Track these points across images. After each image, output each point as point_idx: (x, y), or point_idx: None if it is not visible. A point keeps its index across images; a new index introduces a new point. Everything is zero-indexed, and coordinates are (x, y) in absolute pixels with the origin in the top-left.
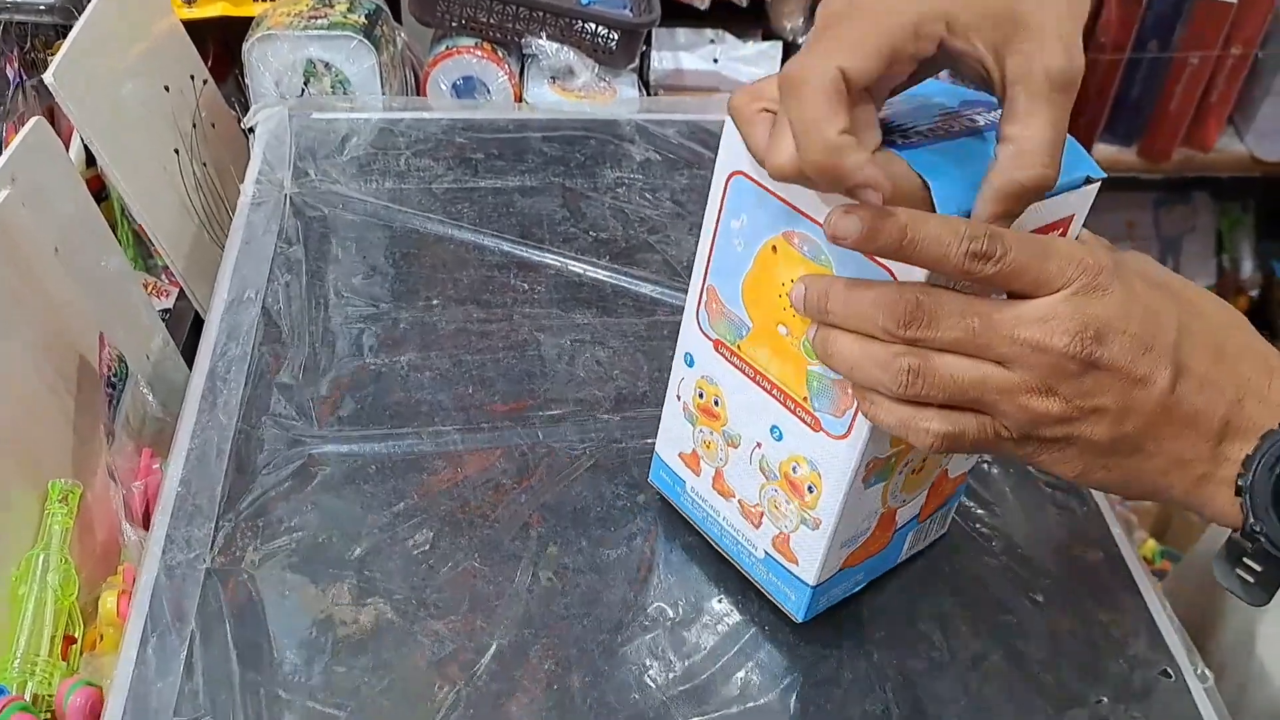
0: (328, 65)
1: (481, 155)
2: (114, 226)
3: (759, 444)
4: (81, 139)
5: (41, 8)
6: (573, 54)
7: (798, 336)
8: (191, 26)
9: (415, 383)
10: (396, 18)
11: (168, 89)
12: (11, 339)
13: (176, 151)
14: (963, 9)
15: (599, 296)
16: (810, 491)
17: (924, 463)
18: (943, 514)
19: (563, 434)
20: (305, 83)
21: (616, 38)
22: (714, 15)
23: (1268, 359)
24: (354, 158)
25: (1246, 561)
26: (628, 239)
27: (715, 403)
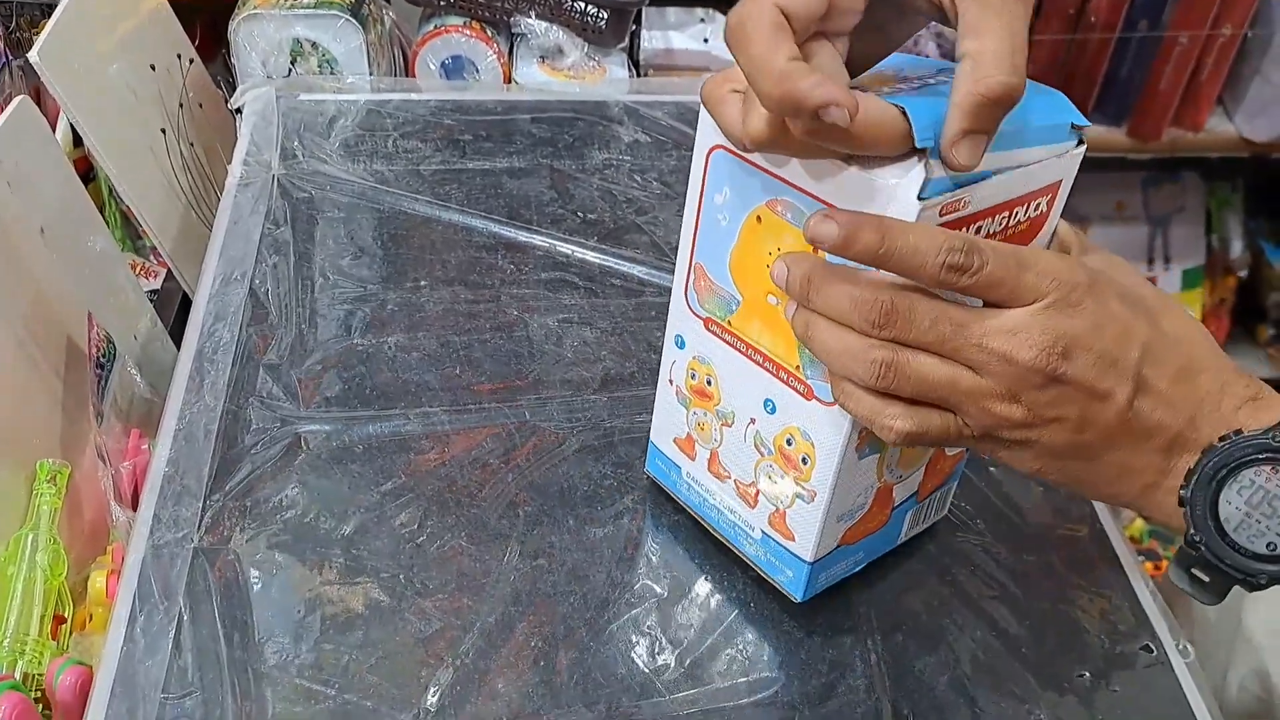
0: (314, 44)
1: (470, 137)
2: (101, 207)
3: (753, 419)
4: (68, 119)
5: None
6: (562, 33)
7: None
8: (177, 5)
9: (403, 363)
10: None
11: (154, 68)
12: None
13: (163, 131)
14: None
15: (587, 277)
16: (804, 463)
17: None
18: (942, 494)
19: (550, 414)
20: (292, 62)
21: (606, 17)
22: None
23: (1223, 375)
24: (342, 139)
25: (1193, 571)
26: (616, 220)
27: (708, 382)
